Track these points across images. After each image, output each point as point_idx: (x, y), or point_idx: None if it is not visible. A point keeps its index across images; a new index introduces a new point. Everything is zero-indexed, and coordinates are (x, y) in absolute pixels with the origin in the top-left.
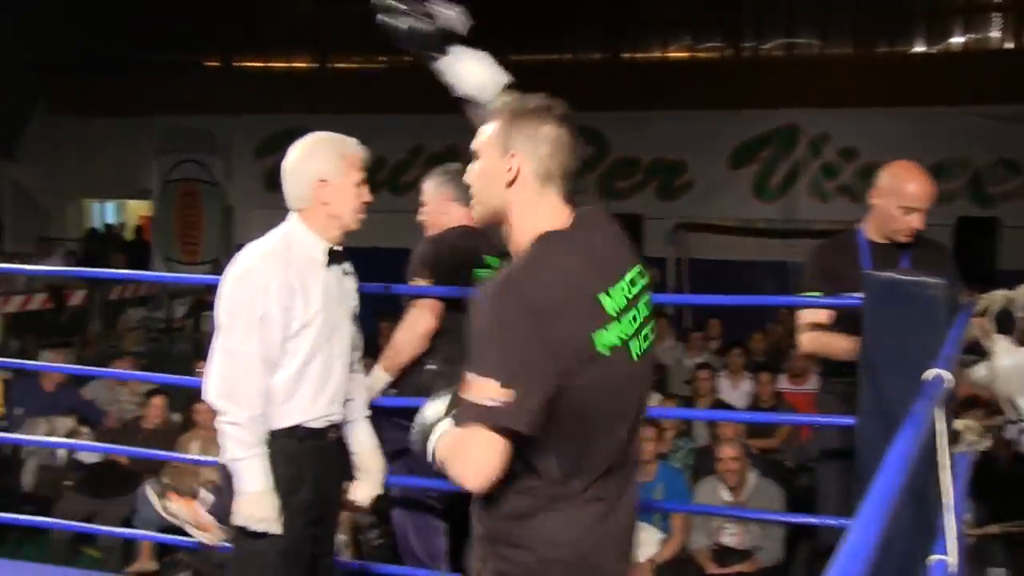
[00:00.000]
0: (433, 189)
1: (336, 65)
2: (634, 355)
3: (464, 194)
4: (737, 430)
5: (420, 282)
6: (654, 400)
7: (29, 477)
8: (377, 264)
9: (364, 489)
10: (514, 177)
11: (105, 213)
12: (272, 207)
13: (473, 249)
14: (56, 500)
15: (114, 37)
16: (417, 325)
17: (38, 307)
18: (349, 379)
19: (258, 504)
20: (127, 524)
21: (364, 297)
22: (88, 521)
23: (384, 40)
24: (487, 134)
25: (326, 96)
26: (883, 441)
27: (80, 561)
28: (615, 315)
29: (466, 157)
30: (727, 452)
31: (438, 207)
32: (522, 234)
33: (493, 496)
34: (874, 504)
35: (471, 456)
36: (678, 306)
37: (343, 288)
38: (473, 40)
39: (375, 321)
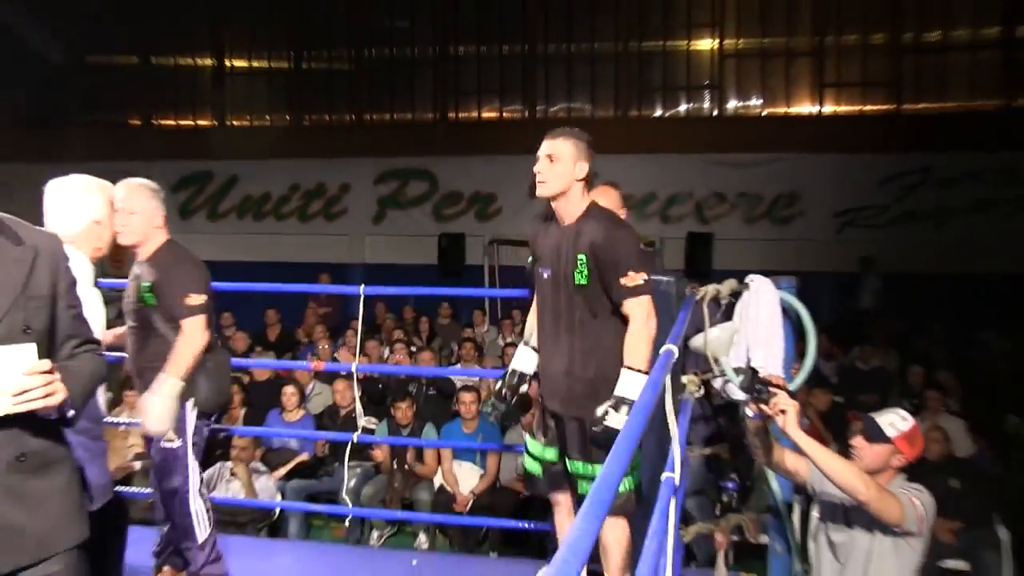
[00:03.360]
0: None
1: (232, 123)
2: None
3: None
4: (535, 391)
5: None
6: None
7: None
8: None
9: None
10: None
11: None
12: (182, 232)
13: None
14: None
15: (49, 97)
16: None
17: None
18: None
19: None
20: None
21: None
22: None
23: (268, 100)
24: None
25: (225, 146)
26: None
27: None
28: None
29: (331, 193)
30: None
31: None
32: None
33: None
34: (623, 439)
35: None
36: (491, 300)
37: None
38: (334, 98)
39: None
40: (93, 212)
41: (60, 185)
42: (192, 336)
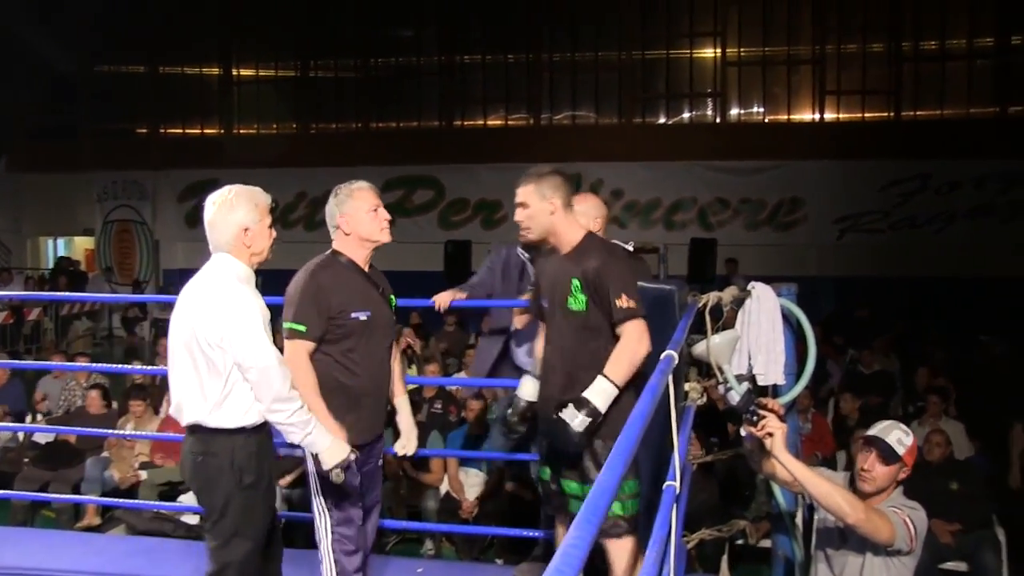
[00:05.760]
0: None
1: (239, 131)
2: None
3: None
4: None
5: None
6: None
7: None
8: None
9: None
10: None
11: (57, 248)
12: (189, 240)
13: None
14: (16, 473)
15: (63, 110)
16: None
17: (2, 321)
18: None
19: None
20: (76, 490)
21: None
22: (43, 490)
23: (275, 109)
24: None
25: (232, 155)
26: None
27: (38, 521)
28: None
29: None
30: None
31: None
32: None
33: None
34: (618, 452)
35: None
36: None
37: None
38: (341, 107)
39: None
40: (240, 220)
41: (212, 198)
42: None
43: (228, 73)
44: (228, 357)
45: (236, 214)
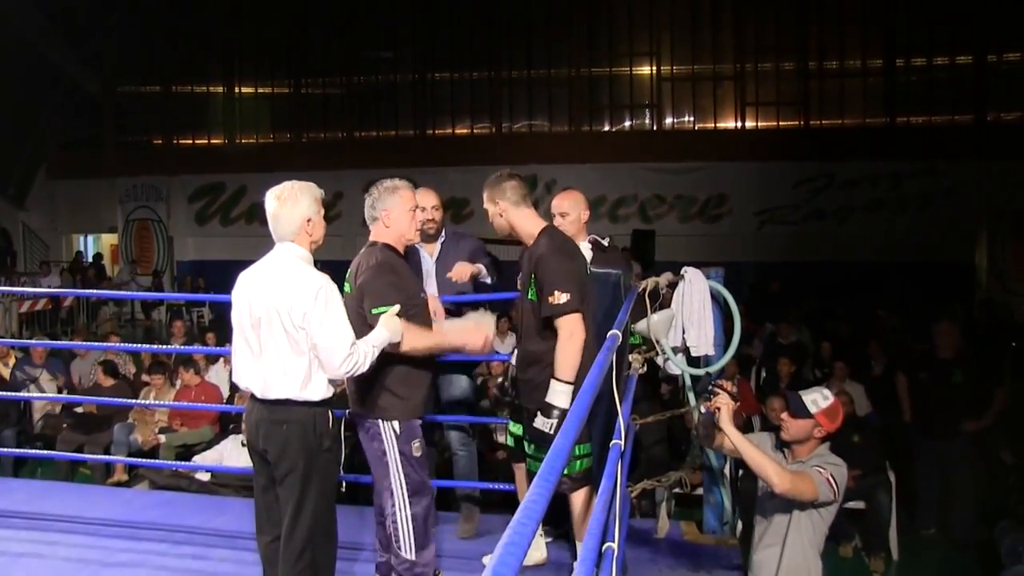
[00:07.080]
0: None
1: (241, 141)
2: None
3: None
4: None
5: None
6: None
7: (37, 422)
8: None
9: None
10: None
11: (87, 243)
12: (199, 235)
13: None
14: (57, 437)
15: (90, 125)
16: None
17: (42, 308)
18: None
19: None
20: (106, 451)
21: None
22: (79, 451)
23: (271, 121)
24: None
25: (234, 162)
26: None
27: (76, 477)
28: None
29: (327, 200)
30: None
31: None
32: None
33: None
34: (572, 415)
35: None
36: None
37: None
38: (329, 119)
39: None
40: (304, 212)
41: (274, 193)
42: None
43: (231, 91)
44: (309, 337)
45: (300, 207)
